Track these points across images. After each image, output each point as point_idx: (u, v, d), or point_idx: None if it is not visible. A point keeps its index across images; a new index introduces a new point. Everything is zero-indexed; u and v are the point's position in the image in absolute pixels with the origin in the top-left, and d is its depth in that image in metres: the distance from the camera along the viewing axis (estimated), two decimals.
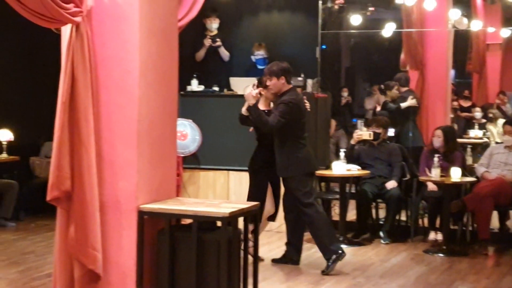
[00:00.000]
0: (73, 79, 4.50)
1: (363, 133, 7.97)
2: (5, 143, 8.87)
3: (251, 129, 6.89)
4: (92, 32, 4.60)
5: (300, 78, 8.44)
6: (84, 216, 4.51)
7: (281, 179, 6.66)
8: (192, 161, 8.49)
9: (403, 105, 9.26)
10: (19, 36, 9.08)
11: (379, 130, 8.09)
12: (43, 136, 9.30)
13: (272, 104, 6.62)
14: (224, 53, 9.18)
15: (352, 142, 8.05)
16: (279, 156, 6.44)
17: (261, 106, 6.50)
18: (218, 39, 9.11)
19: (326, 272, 6.38)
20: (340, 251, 6.44)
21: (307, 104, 6.65)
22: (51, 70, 6.02)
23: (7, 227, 8.31)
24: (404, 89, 9.46)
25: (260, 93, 6.35)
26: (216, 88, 8.73)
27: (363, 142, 8.11)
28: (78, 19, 4.47)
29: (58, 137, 4.51)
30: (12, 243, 7.56)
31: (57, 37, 4.81)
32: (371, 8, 10.19)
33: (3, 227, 8.26)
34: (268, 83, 6.40)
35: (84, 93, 4.51)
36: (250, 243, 5.17)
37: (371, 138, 7.97)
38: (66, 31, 4.57)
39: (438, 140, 7.85)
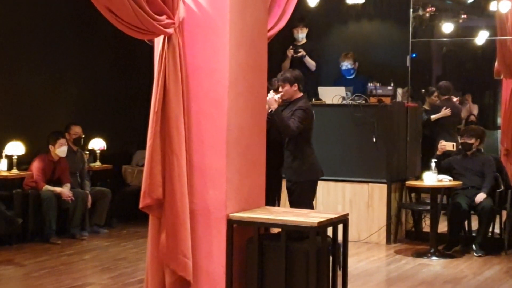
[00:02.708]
0: (165, 89, 4.58)
1: (446, 143, 7.94)
2: (98, 151, 9.13)
3: None
4: (183, 43, 4.68)
5: (390, 87, 8.34)
6: (175, 223, 4.57)
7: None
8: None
9: (434, 117, 9.27)
10: (113, 47, 9.34)
11: (471, 141, 7.89)
12: (134, 145, 9.52)
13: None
14: (310, 63, 9.16)
15: (438, 153, 7.95)
16: (294, 161, 6.41)
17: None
18: (300, 50, 9.10)
19: None
20: None
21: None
22: (144, 81, 6.18)
23: (100, 233, 8.51)
24: (443, 97, 9.37)
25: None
26: None
27: (450, 152, 8.00)
28: (170, 30, 4.55)
29: (150, 146, 4.60)
30: (105, 249, 7.75)
31: (149, 48, 4.93)
32: (463, 16, 9.96)
33: (96, 233, 8.47)
34: (280, 89, 6.42)
35: (176, 103, 4.59)
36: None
37: (454, 149, 7.88)
38: (158, 42, 4.66)
39: None
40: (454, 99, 9.71)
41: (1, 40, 8.29)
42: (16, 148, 7.94)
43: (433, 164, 7.53)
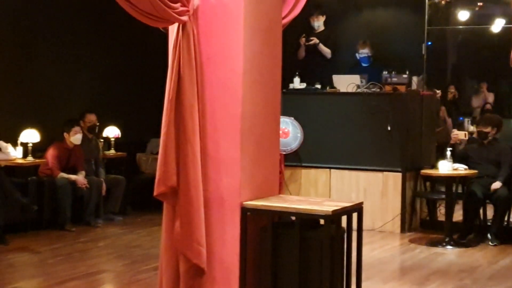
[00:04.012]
0: (179, 77, 4.57)
1: (459, 133, 7.98)
2: (113, 139, 9.17)
3: None
4: (197, 31, 4.66)
5: (405, 76, 8.30)
6: (189, 211, 4.57)
7: None
8: (294, 159, 8.49)
9: None
10: (128, 35, 9.34)
11: (487, 129, 7.84)
12: (149, 133, 9.53)
13: None
14: (324, 50, 9.13)
15: (451, 142, 7.94)
16: None
17: None
18: (312, 38, 9.08)
19: None
20: None
21: None
22: (158, 69, 6.16)
23: (114, 221, 8.55)
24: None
25: None
26: (318, 86, 8.69)
27: (465, 141, 8.02)
28: (184, 18, 4.54)
29: (165, 134, 4.59)
30: (119, 236, 7.78)
31: (163, 36, 4.92)
32: (479, 3, 9.88)
33: (111, 221, 8.52)
34: None
35: (190, 91, 4.58)
36: None
37: (466, 138, 7.88)
38: (173, 30, 4.65)
39: None
40: None
41: (17, 29, 8.32)
42: (31, 135, 7.98)
43: (448, 153, 7.49)
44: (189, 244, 4.58)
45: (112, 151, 9.14)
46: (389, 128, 8.08)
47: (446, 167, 7.40)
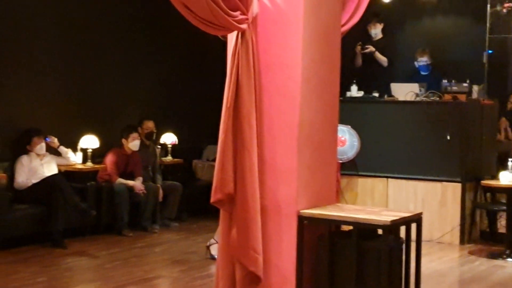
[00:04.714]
0: (238, 84, 4.58)
1: None
2: (169, 146, 9.25)
3: None
4: (256, 39, 4.67)
5: (465, 84, 8.15)
6: (246, 218, 4.57)
7: None
8: (350, 168, 8.42)
9: None
10: (186, 43, 9.43)
11: None
12: (205, 140, 9.59)
13: None
14: (381, 59, 9.05)
15: None
16: None
17: None
18: (368, 46, 9.01)
19: None
20: None
21: None
22: (216, 76, 6.21)
23: (170, 227, 8.61)
24: None
25: None
26: (376, 94, 8.61)
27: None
28: (244, 26, 4.55)
29: (222, 141, 4.61)
30: (175, 242, 7.83)
31: (221, 44, 4.94)
32: None
33: (167, 227, 8.57)
34: None
35: (248, 99, 4.58)
36: None
37: None
38: (232, 38, 4.67)
39: None
40: None
41: (77, 37, 8.46)
42: (91, 141, 8.12)
43: (510, 164, 7.33)
44: (245, 252, 4.57)
45: (169, 158, 9.22)
46: (448, 138, 7.94)
47: (507, 178, 7.24)
